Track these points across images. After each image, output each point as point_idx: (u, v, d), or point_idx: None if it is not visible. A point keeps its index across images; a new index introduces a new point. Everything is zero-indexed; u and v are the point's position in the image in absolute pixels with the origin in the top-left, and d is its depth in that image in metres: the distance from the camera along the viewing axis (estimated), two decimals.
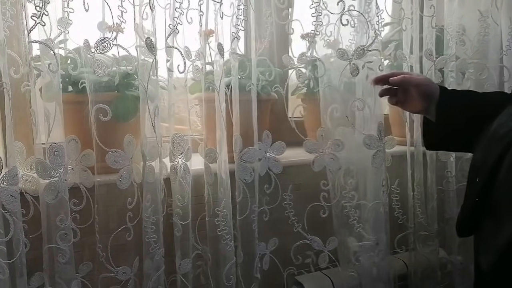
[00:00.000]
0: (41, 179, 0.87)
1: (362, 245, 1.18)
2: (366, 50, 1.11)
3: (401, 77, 0.88)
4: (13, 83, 0.85)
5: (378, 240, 1.19)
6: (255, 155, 1.09)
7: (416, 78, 0.89)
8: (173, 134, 1.01)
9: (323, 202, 1.19)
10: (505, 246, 0.61)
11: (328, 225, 1.20)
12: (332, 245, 1.22)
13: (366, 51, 1.11)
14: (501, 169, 0.63)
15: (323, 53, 1.15)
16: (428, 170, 1.33)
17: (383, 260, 1.20)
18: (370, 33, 1.11)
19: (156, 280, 1.01)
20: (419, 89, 0.87)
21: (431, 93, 0.86)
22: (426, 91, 0.86)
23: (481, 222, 0.70)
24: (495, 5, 1.32)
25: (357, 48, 1.12)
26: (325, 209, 1.20)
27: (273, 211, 1.16)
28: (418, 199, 1.32)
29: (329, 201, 1.19)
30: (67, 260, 0.90)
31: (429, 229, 1.33)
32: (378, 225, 1.19)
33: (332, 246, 1.22)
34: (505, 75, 1.37)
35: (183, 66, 1.00)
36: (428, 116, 0.90)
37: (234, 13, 1.03)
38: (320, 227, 1.21)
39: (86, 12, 0.86)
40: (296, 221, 1.20)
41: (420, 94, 0.87)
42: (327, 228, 1.21)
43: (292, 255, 1.22)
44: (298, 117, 1.37)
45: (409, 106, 0.92)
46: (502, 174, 0.63)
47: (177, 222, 1.03)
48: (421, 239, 1.34)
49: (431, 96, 0.86)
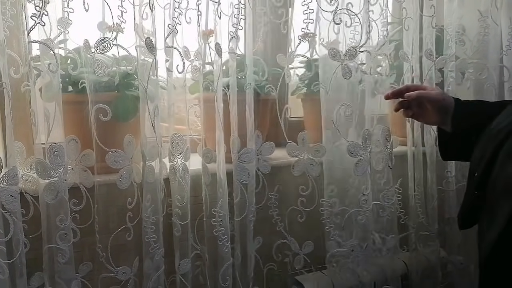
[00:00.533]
0: (41, 179, 0.87)
1: (337, 251, 1.18)
2: (358, 50, 1.09)
3: (417, 92, 0.89)
4: (13, 83, 0.85)
5: (353, 247, 1.17)
6: (252, 155, 1.09)
7: (431, 94, 0.89)
8: (172, 134, 1.01)
9: (300, 207, 1.19)
10: (496, 239, 0.63)
11: (305, 228, 1.20)
12: (308, 249, 1.21)
13: (358, 51, 1.09)
14: (495, 164, 0.65)
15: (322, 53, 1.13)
16: (428, 170, 1.33)
17: (359, 266, 1.19)
18: (363, 34, 1.09)
19: (156, 280, 1.01)
20: (435, 104, 0.88)
21: (446, 107, 0.87)
22: (442, 105, 0.88)
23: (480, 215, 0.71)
24: (495, 5, 1.32)
25: (349, 49, 1.09)
26: (302, 214, 1.19)
27: (259, 210, 1.16)
28: (419, 199, 1.32)
29: (307, 206, 1.18)
30: (67, 260, 0.90)
31: (430, 229, 1.33)
32: (355, 233, 1.18)
33: (307, 250, 1.21)
34: (505, 75, 1.37)
35: (182, 66, 1.00)
36: (443, 127, 0.91)
37: (232, 12, 1.03)
38: (298, 230, 1.21)
39: (86, 12, 0.86)
40: (280, 221, 1.21)
41: (435, 109, 0.88)
42: (304, 232, 1.21)
43: (273, 253, 1.22)
44: (297, 117, 1.38)
45: (424, 118, 0.94)
46: (496, 168, 0.65)
47: (176, 222, 1.03)
48: (421, 239, 1.34)
49: (446, 109, 0.87)
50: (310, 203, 1.18)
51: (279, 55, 1.12)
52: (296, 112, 1.37)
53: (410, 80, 1.26)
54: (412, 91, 0.91)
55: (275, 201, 1.19)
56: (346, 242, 1.18)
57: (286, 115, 1.16)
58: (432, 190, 1.33)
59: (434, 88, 0.93)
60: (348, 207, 1.17)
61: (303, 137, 1.15)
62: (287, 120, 1.16)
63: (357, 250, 1.18)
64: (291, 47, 1.12)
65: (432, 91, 0.90)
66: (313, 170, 1.15)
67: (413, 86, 0.94)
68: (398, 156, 1.30)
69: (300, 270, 1.23)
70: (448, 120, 0.87)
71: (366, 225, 1.18)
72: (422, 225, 1.33)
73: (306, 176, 1.16)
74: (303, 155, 1.15)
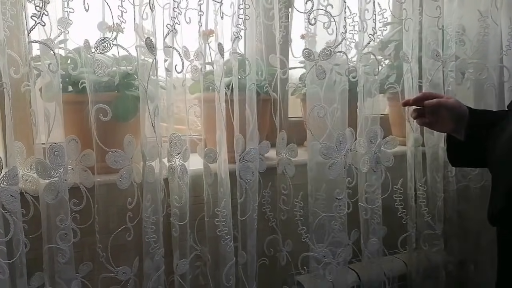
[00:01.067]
0: (41, 179, 0.87)
1: (309, 254, 1.17)
2: (333, 51, 1.06)
3: (436, 101, 0.92)
4: (13, 83, 0.85)
5: (325, 253, 1.16)
6: (256, 154, 1.09)
7: (450, 102, 0.92)
8: (170, 134, 1.01)
9: (283, 205, 1.20)
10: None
11: (287, 226, 1.21)
12: (288, 248, 1.22)
13: (333, 52, 1.06)
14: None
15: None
16: (428, 170, 1.33)
17: (331, 273, 1.17)
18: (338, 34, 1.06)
19: (156, 280, 1.01)
20: (452, 112, 0.91)
21: (462, 115, 0.90)
22: (459, 113, 0.90)
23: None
24: (495, 5, 1.32)
25: (324, 49, 1.06)
26: (284, 212, 1.20)
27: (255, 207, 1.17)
28: (424, 198, 1.31)
29: (287, 205, 1.20)
30: (67, 260, 0.90)
31: (435, 228, 1.33)
32: (327, 238, 1.16)
33: (288, 248, 1.22)
34: (505, 75, 1.37)
35: (181, 66, 1.00)
36: (455, 135, 0.93)
37: (234, 12, 1.03)
38: (282, 228, 1.22)
39: (86, 12, 0.86)
40: (272, 217, 1.23)
41: (452, 117, 0.91)
42: (286, 230, 1.22)
43: (265, 248, 1.23)
44: (296, 117, 1.38)
45: (439, 126, 0.96)
46: None
47: (175, 223, 1.03)
48: (426, 238, 1.34)
49: (461, 116, 0.90)
50: (288, 202, 1.20)
51: (271, 55, 1.15)
52: (296, 112, 1.38)
53: (410, 80, 1.26)
54: (431, 99, 0.94)
55: (268, 198, 1.21)
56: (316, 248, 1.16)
57: (281, 114, 1.17)
58: (436, 189, 1.33)
59: (449, 96, 0.96)
60: (322, 210, 1.15)
61: (283, 137, 1.17)
62: (281, 120, 1.17)
63: (328, 256, 1.16)
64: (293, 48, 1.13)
65: (449, 99, 0.93)
66: (289, 169, 1.17)
67: (431, 95, 0.96)
68: (398, 156, 1.29)
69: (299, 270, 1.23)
70: (461, 128, 0.90)
71: (340, 230, 1.16)
72: (427, 225, 1.32)
73: (285, 175, 1.18)
74: (283, 154, 1.18)
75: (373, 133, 1.19)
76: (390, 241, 1.31)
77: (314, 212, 1.15)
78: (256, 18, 1.11)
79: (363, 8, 1.12)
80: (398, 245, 1.33)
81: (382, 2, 1.16)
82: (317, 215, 1.15)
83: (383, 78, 1.29)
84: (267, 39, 1.17)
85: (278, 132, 1.17)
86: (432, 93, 1.01)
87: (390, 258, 1.34)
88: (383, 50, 1.36)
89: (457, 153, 0.96)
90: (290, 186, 1.19)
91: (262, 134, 1.15)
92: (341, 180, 1.14)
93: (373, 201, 1.21)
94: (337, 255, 1.17)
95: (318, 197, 1.15)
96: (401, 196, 1.30)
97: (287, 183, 1.19)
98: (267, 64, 1.17)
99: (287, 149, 1.18)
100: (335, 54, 1.07)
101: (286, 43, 1.17)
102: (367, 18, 1.13)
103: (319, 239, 1.16)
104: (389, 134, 1.30)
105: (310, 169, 1.15)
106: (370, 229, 1.23)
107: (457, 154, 0.96)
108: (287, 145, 1.18)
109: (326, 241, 1.16)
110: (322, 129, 1.10)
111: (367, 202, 1.22)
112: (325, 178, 1.13)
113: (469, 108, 0.92)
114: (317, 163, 1.13)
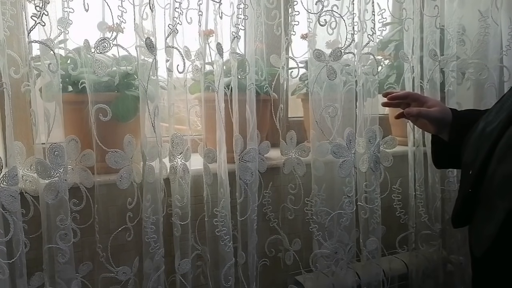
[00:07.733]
0: (41, 179, 0.87)
1: (319, 252, 1.17)
2: (343, 52, 1.08)
3: (417, 111, 0.89)
4: (13, 83, 0.85)
5: (337, 249, 1.17)
6: (255, 155, 1.09)
7: (430, 113, 0.88)
8: (172, 134, 1.01)
9: (290, 205, 1.21)
10: (496, 233, 0.65)
11: (294, 226, 1.22)
12: (296, 246, 1.22)
13: (343, 53, 1.08)
14: (491, 163, 0.67)
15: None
16: (429, 170, 1.33)
17: (342, 269, 1.19)
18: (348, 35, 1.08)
19: (156, 280, 1.01)
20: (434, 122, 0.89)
21: (445, 122, 0.88)
22: (442, 120, 0.88)
23: (473, 213, 0.73)
24: (495, 5, 1.32)
25: (334, 50, 1.08)
26: (292, 212, 1.21)
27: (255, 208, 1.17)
28: (421, 198, 1.31)
29: (295, 204, 1.21)
30: (67, 260, 0.90)
31: (432, 229, 1.33)
32: (338, 235, 1.17)
33: (296, 247, 1.22)
34: (505, 75, 1.37)
35: (182, 66, 1.00)
36: (439, 135, 0.92)
37: (234, 12, 1.03)
38: (289, 227, 1.23)
39: (86, 12, 0.87)
40: (273, 217, 1.23)
41: (434, 124, 0.89)
42: (294, 229, 1.23)
43: (266, 248, 1.24)
44: (296, 117, 1.38)
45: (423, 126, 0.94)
46: (491, 165, 0.67)
47: (176, 222, 1.03)
48: (423, 238, 1.34)
49: (445, 123, 0.88)
50: (297, 201, 1.20)
51: (272, 55, 1.15)
52: (296, 112, 1.38)
53: (410, 80, 1.26)
54: (412, 98, 0.93)
55: (269, 198, 1.21)
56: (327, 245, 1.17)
57: (281, 115, 1.17)
58: (434, 189, 1.33)
59: (433, 101, 0.92)
60: (331, 208, 1.16)
61: (291, 137, 1.17)
62: (283, 120, 1.17)
63: (340, 252, 1.18)
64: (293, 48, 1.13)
65: (432, 107, 0.89)
66: (299, 169, 1.18)
67: (412, 95, 0.94)
68: (398, 156, 1.30)
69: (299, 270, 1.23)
70: (445, 131, 0.89)
71: (349, 227, 1.17)
72: (425, 224, 1.32)
73: (294, 175, 1.19)
74: (291, 154, 1.18)
75: (372, 133, 1.19)
76: (388, 241, 1.31)
77: (323, 211, 1.16)
78: (257, 18, 1.11)
79: (363, 9, 1.12)
80: (396, 244, 1.34)
81: (381, 2, 1.16)
82: (327, 213, 1.16)
83: (383, 78, 1.29)
84: (268, 39, 1.17)
85: (287, 132, 1.17)
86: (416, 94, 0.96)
87: (389, 258, 1.34)
88: (383, 50, 1.36)
89: (441, 155, 0.94)
90: (300, 185, 1.19)
91: (262, 134, 1.15)
92: (350, 179, 1.15)
93: (372, 201, 1.21)
94: (348, 251, 1.19)
95: (326, 196, 1.16)
96: (399, 196, 1.30)
97: (296, 183, 1.19)
98: (267, 64, 1.17)
99: (297, 149, 1.18)
100: (344, 55, 1.09)
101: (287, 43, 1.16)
102: (366, 18, 1.13)
103: (330, 236, 1.17)
104: (388, 134, 1.30)
105: (316, 168, 1.15)
106: (369, 228, 1.23)
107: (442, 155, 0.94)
108: (297, 145, 1.18)
109: (334, 238, 1.17)
110: (332, 129, 1.12)
111: (366, 201, 1.22)
112: (334, 177, 1.14)
113: (453, 111, 0.89)
114: (325, 162, 1.14)
